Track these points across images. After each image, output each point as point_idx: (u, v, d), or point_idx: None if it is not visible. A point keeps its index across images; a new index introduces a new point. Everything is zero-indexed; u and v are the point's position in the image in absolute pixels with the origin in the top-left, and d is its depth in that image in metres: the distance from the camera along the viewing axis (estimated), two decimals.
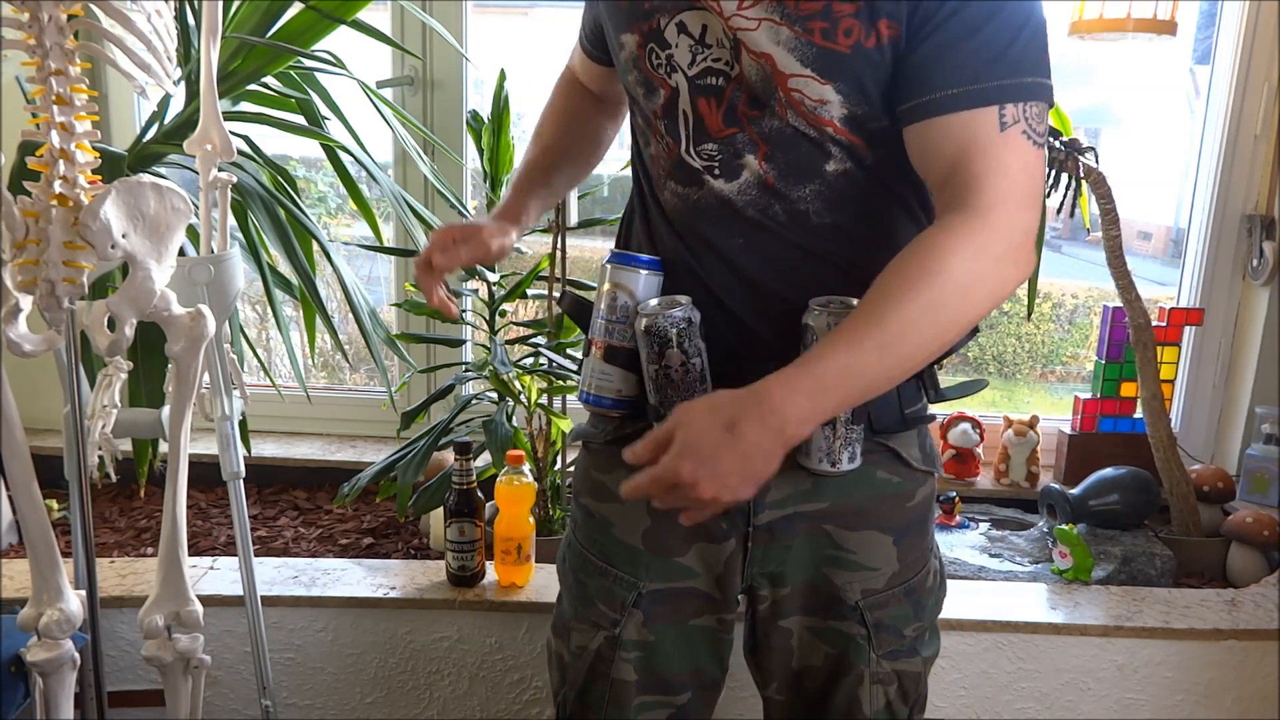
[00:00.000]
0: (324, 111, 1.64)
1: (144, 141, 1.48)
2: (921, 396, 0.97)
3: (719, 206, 0.91)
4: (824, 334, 0.85)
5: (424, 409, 1.76)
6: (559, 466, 1.76)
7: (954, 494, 1.91)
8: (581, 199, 1.67)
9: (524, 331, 1.81)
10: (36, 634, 1.03)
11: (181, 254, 1.10)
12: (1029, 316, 2.23)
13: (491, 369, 1.60)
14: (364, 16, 1.54)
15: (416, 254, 1.66)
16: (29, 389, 1.43)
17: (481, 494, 1.53)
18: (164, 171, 1.47)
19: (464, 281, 1.81)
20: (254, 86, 1.54)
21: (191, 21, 1.50)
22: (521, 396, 1.66)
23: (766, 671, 1.05)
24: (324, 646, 1.53)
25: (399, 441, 1.76)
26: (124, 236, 0.97)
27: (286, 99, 1.61)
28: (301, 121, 1.62)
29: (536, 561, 1.58)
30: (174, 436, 1.10)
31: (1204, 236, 2.04)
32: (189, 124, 1.41)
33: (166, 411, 1.21)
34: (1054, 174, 1.76)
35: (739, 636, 1.07)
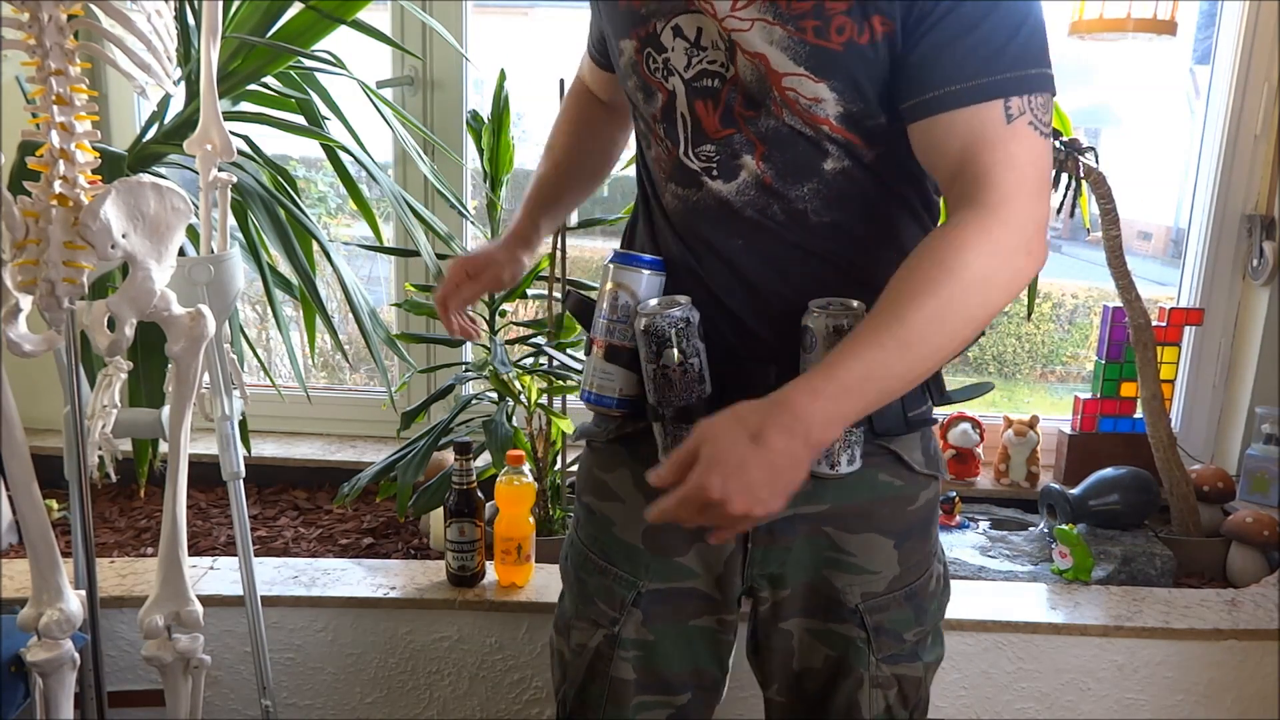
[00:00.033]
0: (324, 111, 1.64)
1: (144, 141, 1.48)
2: (926, 399, 0.97)
3: (718, 207, 0.91)
4: (823, 336, 0.85)
5: (424, 409, 1.76)
6: (559, 466, 1.76)
7: (954, 494, 1.91)
8: None
9: (524, 331, 1.81)
10: (36, 634, 1.03)
11: (181, 254, 1.10)
12: (1029, 316, 2.23)
13: (491, 369, 1.60)
14: (364, 16, 1.54)
15: (417, 254, 1.67)
16: (29, 389, 1.43)
17: (481, 494, 1.53)
18: (164, 171, 1.47)
19: None
20: (254, 86, 1.54)
21: (191, 21, 1.50)
22: (521, 396, 1.66)
23: (767, 673, 1.05)
24: (324, 646, 1.53)
25: (399, 441, 1.76)
26: (124, 236, 0.97)
27: (286, 99, 1.61)
28: (301, 121, 1.62)
29: (536, 561, 1.58)
30: (174, 436, 1.10)
31: (1204, 236, 2.04)
32: (189, 124, 1.41)
33: (166, 411, 1.21)
34: (1054, 174, 1.76)
35: (741, 637, 1.07)
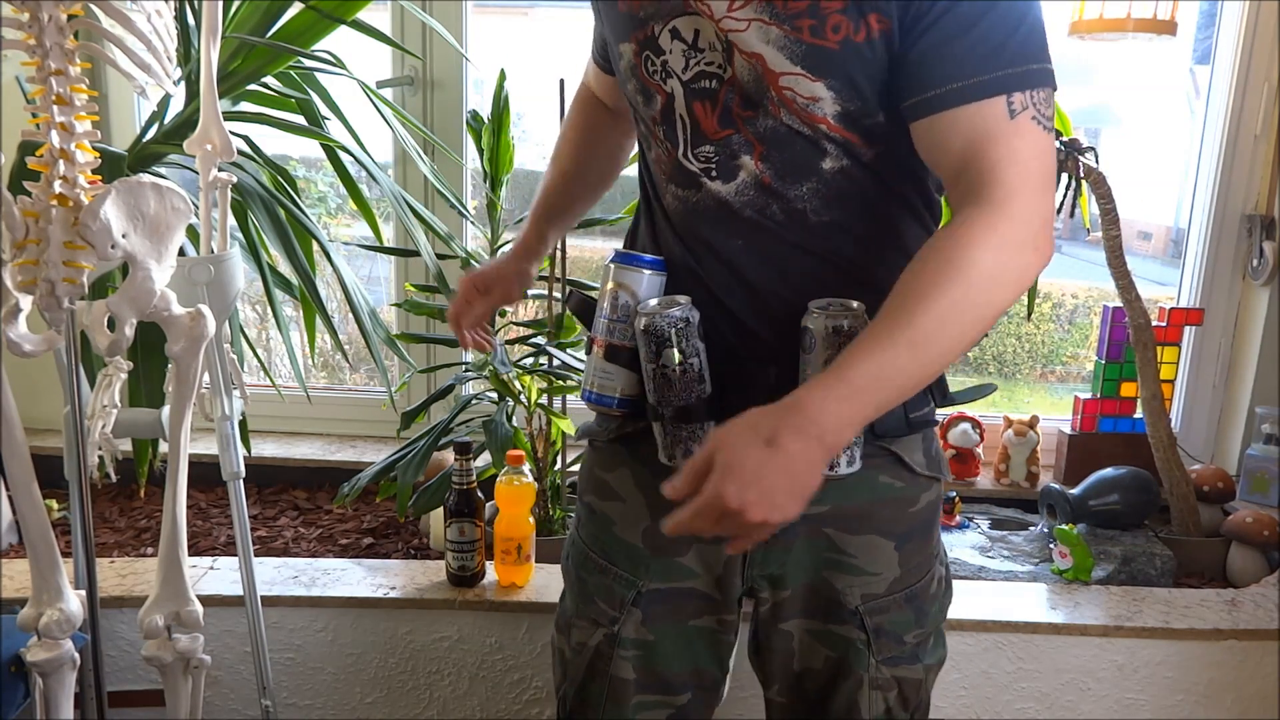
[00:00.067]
0: (324, 111, 1.64)
1: (144, 141, 1.48)
2: (928, 400, 0.96)
3: (717, 208, 0.92)
4: (822, 337, 0.85)
5: (424, 409, 1.76)
6: (559, 466, 1.76)
7: (954, 494, 1.91)
8: None
9: (524, 331, 1.81)
10: (36, 634, 1.03)
11: (181, 254, 1.10)
12: (1029, 316, 2.23)
13: (491, 369, 1.60)
14: (364, 16, 1.54)
15: (417, 254, 1.67)
16: (29, 389, 1.43)
17: (481, 494, 1.53)
18: (164, 171, 1.47)
19: None
20: (254, 86, 1.54)
21: (191, 21, 1.50)
22: (521, 396, 1.66)
23: (768, 673, 1.05)
24: (324, 646, 1.53)
25: (399, 441, 1.76)
26: (124, 236, 0.97)
27: (286, 99, 1.61)
28: (301, 121, 1.62)
29: (536, 561, 1.58)
30: (174, 436, 1.10)
31: (1204, 236, 2.04)
32: (189, 124, 1.41)
33: (166, 411, 1.21)
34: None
35: (743, 638, 1.07)
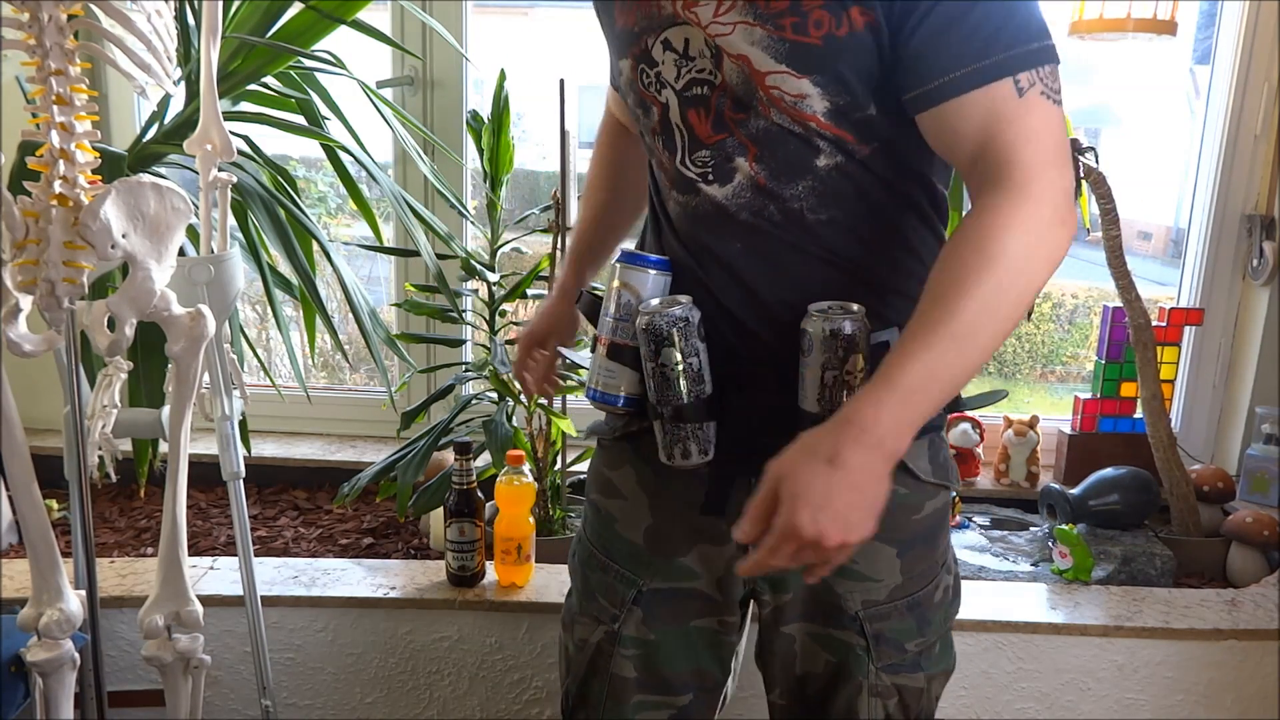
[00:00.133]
0: (324, 111, 1.64)
1: (144, 141, 1.48)
2: None
3: (715, 212, 0.92)
4: (820, 340, 0.85)
5: (424, 409, 1.76)
6: (559, 466, 1.76)
7: (954, 494, 1.90)
8: (581, 199, 1.67)
9: None
10: (36, 634, 1.03)
11: (181, 254, 1.10)
12: (1029, 316, 2.23)
13: (491, 369, 1.60)
14: (364, 16, 1.54)
15: (417, 254, 1.67)
16: (29, 389, 1.43)
17: (481, 494, 1.53)
18: (164, 171, 1.47)
19: (464, 282, 1.81)
20: (254, 86, 1.54)
21: (191, 21, 1.50)
22: (521, 396, 1.66)
23: (770, 677, 1.06)
24: (324, 646, 1.53)
25: (399, 441, 1.76)
26: (124, 236, 0.97)
27: (286, 99, 1.61)
28: (301, 121, 1.62)
29: (536, 561, 1.58)
30: (174, 436, 1.10)
31: (1204, 236, 2.04)
32: (189, 124, 1.41)
33: (166, 411, 1.21)
34: None
35: (752, 641, 1.07)
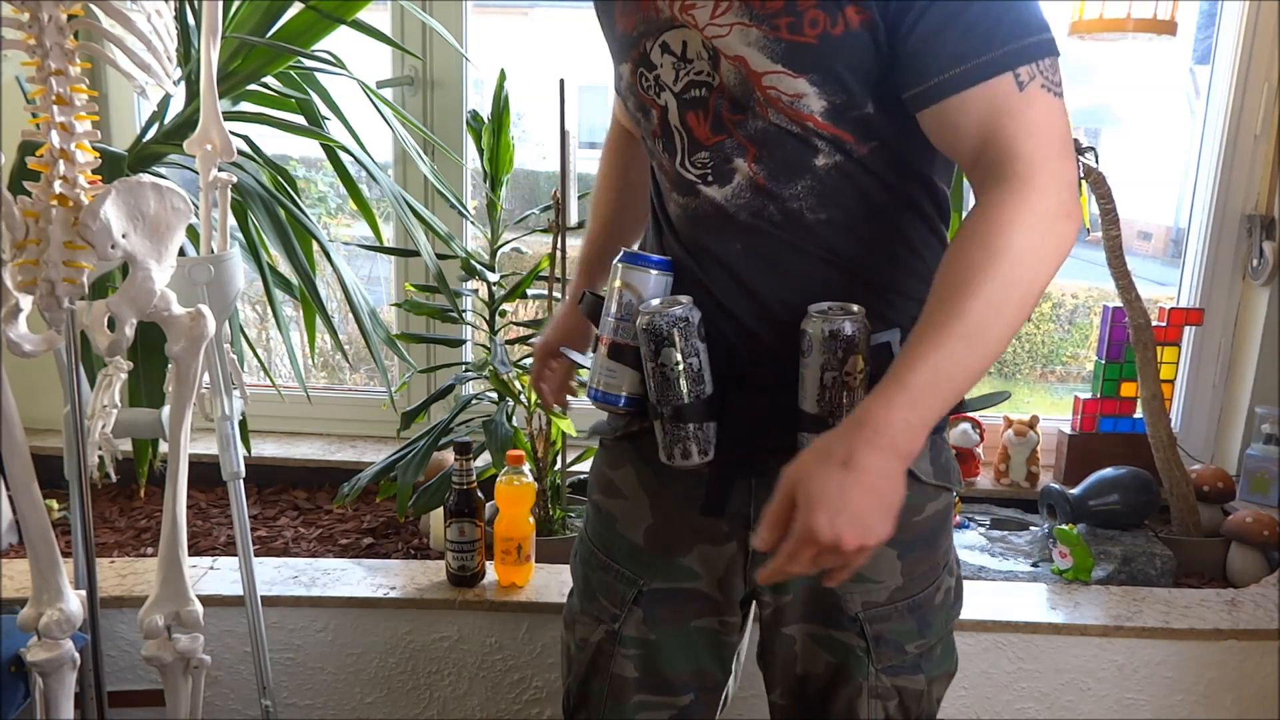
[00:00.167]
0: (324, 111, 1.64)
1: (144, 141, 1.48)
2: None
3: (714, 214, 0.92)
4: (819, 340, 0.85)
5: (424, 409, 1.76)
6: (559, 466, 1.76)
7: (955, 495, 1.90)
8: (581, 199, 1.67)
9: (524, 331, 1.81)
10: (36, 634, 1.03)
11: (181, 254, 1.10)
12: (1029, 316, 2.23)
13: (491, 369, 1.60)
14: (364, 16, 1.54)
15: (417, 254, 1.67)
16: (29, 389, 1.43)
17: (481, 494, 1.53)
18: (164, 171, 1.47)
19: (464, 282, 1.81)
20: (254, 86, 1.54)
21: (191, 21, 1.50)
22: (521, 396, 1.66)
23: (771, 677, 1.05)
24: (324, 646, 1.53)
25: (399, 441, 1.76)
26: (124, 236, 0.97)
27: (286, 99, 1.61)
28: (301, 121, 1.62)
29: (536, 561, 1.58)
30: (174, 436, 1.10)
31: (1204, 236, 2.04)
32: (189, 124, 1.41)
33: (166, 411, 1.21)
34: None
35: (753, 641, 1.07)
